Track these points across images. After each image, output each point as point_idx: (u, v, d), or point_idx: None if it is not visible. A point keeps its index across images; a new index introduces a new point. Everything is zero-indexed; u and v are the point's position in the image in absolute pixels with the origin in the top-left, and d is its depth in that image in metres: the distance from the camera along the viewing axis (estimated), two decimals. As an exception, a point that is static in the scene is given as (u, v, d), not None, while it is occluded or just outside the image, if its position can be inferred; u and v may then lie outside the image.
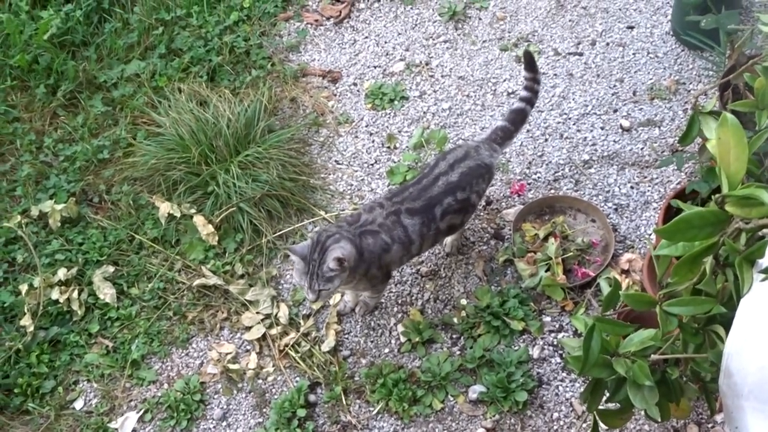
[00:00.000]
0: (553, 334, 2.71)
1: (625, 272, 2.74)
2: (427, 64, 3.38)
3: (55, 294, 2.83)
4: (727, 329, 1.46)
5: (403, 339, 2.74)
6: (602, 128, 3.15)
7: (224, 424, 2.65)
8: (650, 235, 2.79)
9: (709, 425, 2.42)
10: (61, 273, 2.86)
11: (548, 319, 2.77)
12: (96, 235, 2.97)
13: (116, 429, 2.63)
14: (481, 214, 2.96)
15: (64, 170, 3.12)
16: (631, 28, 3.44)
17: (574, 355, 1.59)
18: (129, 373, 2.73)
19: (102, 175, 3.11)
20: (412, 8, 3.54)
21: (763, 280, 1.36)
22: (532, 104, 2.77)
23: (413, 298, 2.83)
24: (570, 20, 3.44)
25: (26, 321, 2.75)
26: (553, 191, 2.99)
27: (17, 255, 2.92)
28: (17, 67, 3.27)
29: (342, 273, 2.30)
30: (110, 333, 2.82)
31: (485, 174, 2.62)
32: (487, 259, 2.88)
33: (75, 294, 2.85)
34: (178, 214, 3.00)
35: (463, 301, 2.81)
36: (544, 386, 2.60)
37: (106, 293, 2.87)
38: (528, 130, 3.16)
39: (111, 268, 2.93)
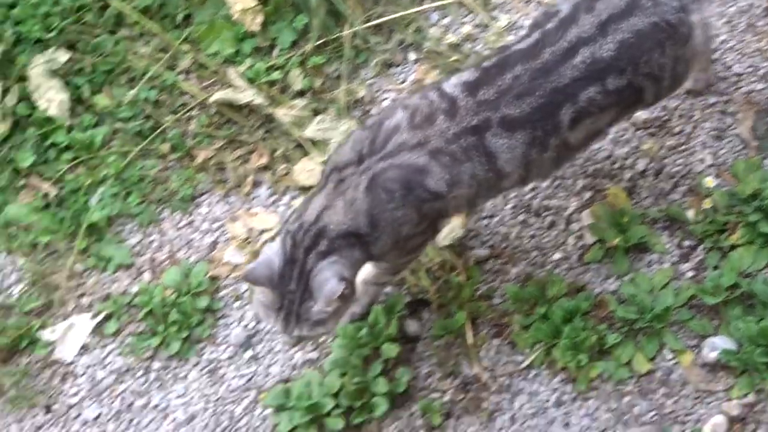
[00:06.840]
0: None
1: None
2: None
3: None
4: None
5: (589, 239, 2.30)
6: None
7: (247, 354, 2.27)
8: None
9: None
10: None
11: None
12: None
13: (52, 342, 2.30)
14: (759, 23, 2.47)
15: None
16: None
17: None
18: (82, 247, 2.39)
19: None
20: None
21: None
22: None
23: (615, 165, 2.37)
24: None
25: None
26: None
27: None
28: None
29: (345, 305, 1.95)
30: (53, 171, 2.49)
31: (667, 39, 2.04)
32: (762, 109, 2.37)
33: (-6, 95, 2.43)
34: (194, -33, 2.59)
35: (709, 182, 2.31)
36: None
37: (52, 100, 2.51)
38: None
39: (63, 56, 2.54)
